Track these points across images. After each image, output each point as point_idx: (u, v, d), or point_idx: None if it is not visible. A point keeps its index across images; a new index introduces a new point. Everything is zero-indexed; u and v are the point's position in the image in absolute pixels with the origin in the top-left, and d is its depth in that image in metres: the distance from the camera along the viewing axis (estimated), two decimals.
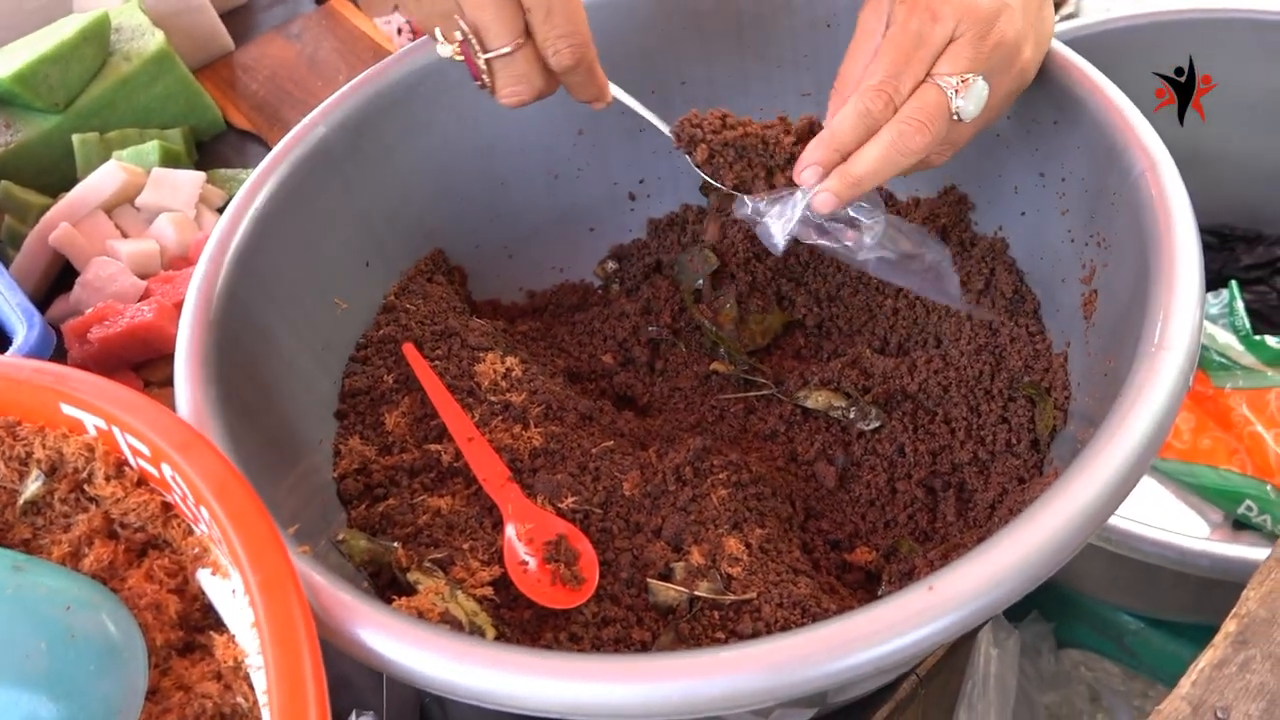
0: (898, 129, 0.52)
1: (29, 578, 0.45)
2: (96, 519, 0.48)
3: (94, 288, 0.79)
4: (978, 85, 0.52)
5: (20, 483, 0.49)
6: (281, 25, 1.10)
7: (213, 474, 0.44)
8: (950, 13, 0.52)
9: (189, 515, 0.47)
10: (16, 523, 0.49)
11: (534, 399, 0.60)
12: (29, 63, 0.88)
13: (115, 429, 0.47)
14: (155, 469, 0.46)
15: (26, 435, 0.49)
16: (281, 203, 0.60)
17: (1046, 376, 0.58)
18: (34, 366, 0.49)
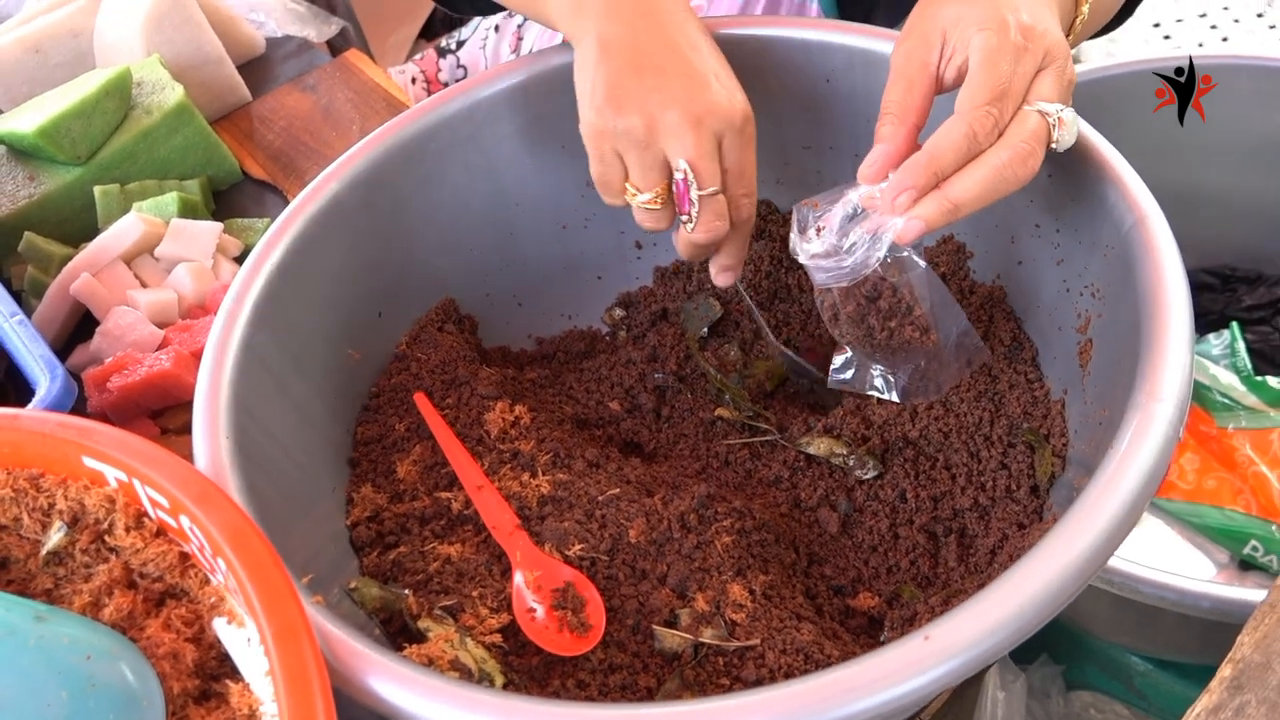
0: (1007, 154, 0.51)
1: (51, 628, 0.46)
2: (116, 569, 0.49)
3: (113, 337, 0.81)
4: (1071, 117, 0.53)
5: (43, 534, 0.50)
6: (297, 77, 1.13)
7: (229, 525, 0.45)
8: (1038, 42, 0.52)
9: (206, 565, 0.48)
10: (39, 573, 0.50)
11: (542, 447, 0.61)
12: (52, 117, 0.90)
13: (135, 481, 0.48)
14: (174, 520, 0.48)
15: (50, 487, 0.51)
16: (297, 256, 0.62)
17: (1045, 423, 0.59)
18: (58, 420, 0.51)
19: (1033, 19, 0.53)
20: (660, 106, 0.56)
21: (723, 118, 0.57)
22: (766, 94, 0.71)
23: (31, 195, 0.92)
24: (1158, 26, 1.47)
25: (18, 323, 0.68)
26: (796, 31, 0.68)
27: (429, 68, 1.28)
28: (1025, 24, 0.53)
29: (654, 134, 0.56)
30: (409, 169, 0.68)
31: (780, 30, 0.68)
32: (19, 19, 1.07)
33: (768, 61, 0.69)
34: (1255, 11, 1.43)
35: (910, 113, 0.54)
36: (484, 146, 0.71)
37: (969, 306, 0.67)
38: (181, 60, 1.04)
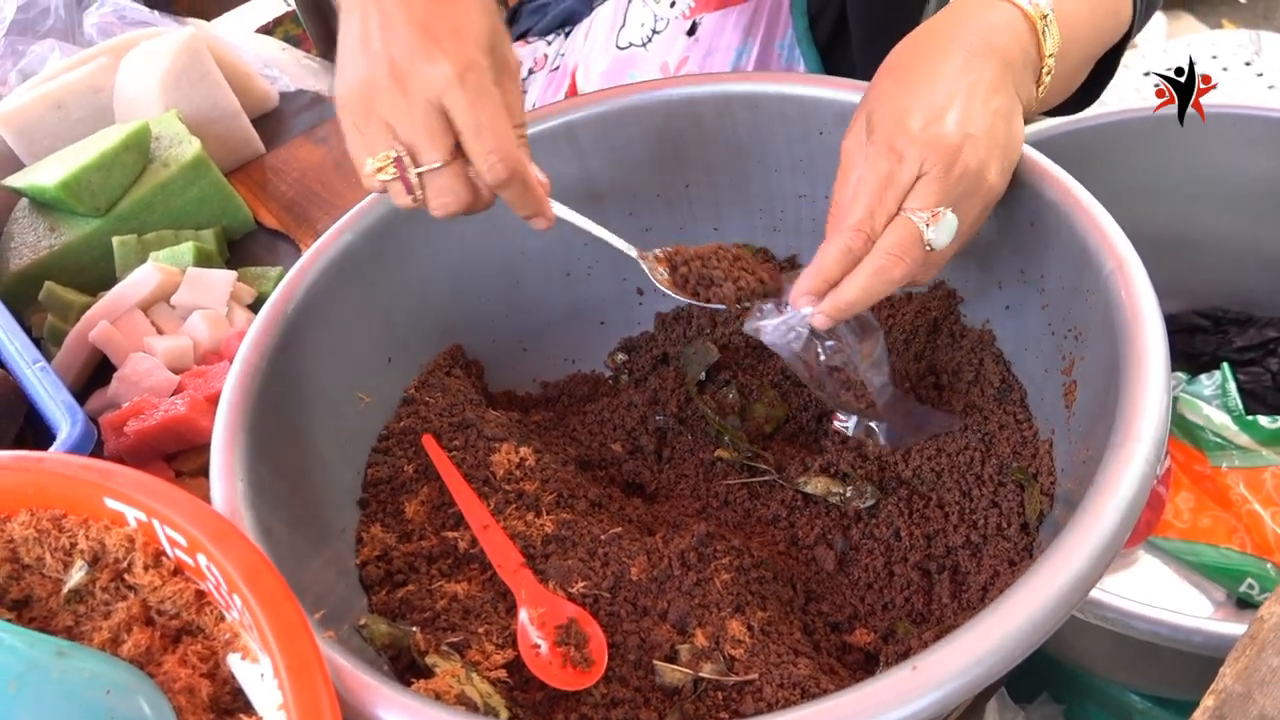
0: (877, 262, 0.57)
1: (72, 663, 0.48)
2: (135, 606, 0.51)
3: (130, 382, 0.83)
4: (947, 218, 0.57)
5: (65, 573, 0.52)
6: (309, 130, 1.16)
7: (245, 564, 0.47)
8: (915, 153, 0.56)
9: (221, 602, 0.50)
10: (60, 610, 0.52)
11: (546, 487, 0.63)
12: (74, 171, 0.93)
13: (155, 521, 0.50)
14: (191, 559, 0.50)
15: (72, 528, 0.53)
16: (311, 305, 0.64)
17: (1034, 462, 0.61)
18: (81, 462, 0.53)
19: (923, 123, 0.56)
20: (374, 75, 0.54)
21: (428, 81, 0.53)
22: (762, 146, 0.74)
23: (52, 246, 0.95)
24: (1148, 75, 1.51)
25: (40, 369, 0.71)
26: (790, 87, 0.71)
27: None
28: (909, 133, 0.56)
29: (371, 103, 0.54)
30: (418, 220, 0.71)
31: (775, 86, 0.71)
32: (42, 76, 1.11)
33: (763, 115, 0.72)
34: (1243, 60, 1.47)
35: (843, 209, 0.59)
36: None
37: (959, 350, 0.69)
38: (198, 115, 1.07)
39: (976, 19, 0.60)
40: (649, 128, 0.74)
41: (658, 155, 0.75)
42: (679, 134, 0.74)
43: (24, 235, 0.97)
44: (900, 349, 0.72)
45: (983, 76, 0.58)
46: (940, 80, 0.58)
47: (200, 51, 1.08)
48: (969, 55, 0.58)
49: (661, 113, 0.74)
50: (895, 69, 0.60)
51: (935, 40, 0.60)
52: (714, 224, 0.79)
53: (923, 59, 0.59)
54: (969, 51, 0.58)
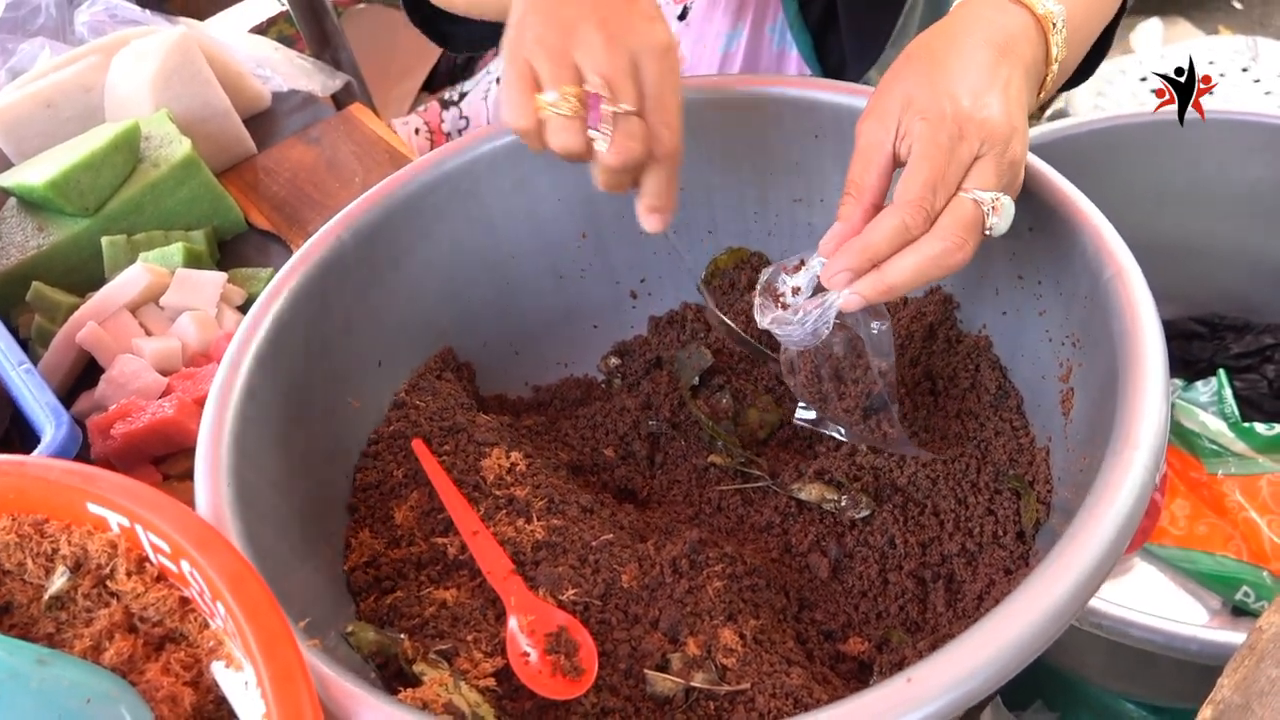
0: (939, 245, 0.54)
1: (52, 671, 0.47)
2: (117, 613, 0.50)
3: (118, 384, 0.82)
4: (1007, 203, 0.55)
5: (46, 579, 0.51)
6: (302, 130, 1.15)
7: (229, 570, 0.46)
8: (975, 131, 0.54)
9: (205, 610, 0.49)
10: (41, 617, 0.51)
11: (537, 493, 0.62)
12: (63, 170, 0.92)
13: (138, 526, 0.49)
14: (174, 565, 0.49)
15: (53, 533, 0.52)
16: (300, 306, 0.63)
17: (1030, 470, 0.60)
18: (63, 467, 0.52)
19: (973, 103, 0.55)
20: (577, 18, 0.55)
21: (641, 39, 0.56)
22: (757, 149, 0.73)
23: (40, 246, 0.94)
24: (1145, 81, 1.50)
25: (24, 371, 0.70)
26: (785, 90, 0.70)
27: (432, 119, 1.31)
28: (964, 111, 0.55)
29: (568, 40, 0.55)
30: (410, 222, 0.70)
31: (770, 89, 0.70)
32: (31, 74, 1.10)
33: (757, 118, 0.72)
34: (1240, 66, 1.47)
35: (867, 192, 0.57)
36: (483, 200, 0.73)
37: (955, 355, 0.68)
38: (189, 114, 1.06)
39: (993, 21, 0.59)
40: None
41: None
42: None
43: (11, 235, 0.96)
44: (896, 353, 0.72)
45: (1012, 76, 0.57)
46: (977, 70, 0.56)
47: (192, 51, 1.07)
48: (998, 54, 0.57)
49: None
50: (924, 55, 0.58)
51: (960, 34, 0.58)
52: (709, 227, 0.78)
53: (953, 49, 0.58)
54: (998, 50, 0.57)
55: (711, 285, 0.79)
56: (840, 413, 0.63)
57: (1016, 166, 0.56)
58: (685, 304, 0.80)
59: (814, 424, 0.65)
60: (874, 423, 0.63)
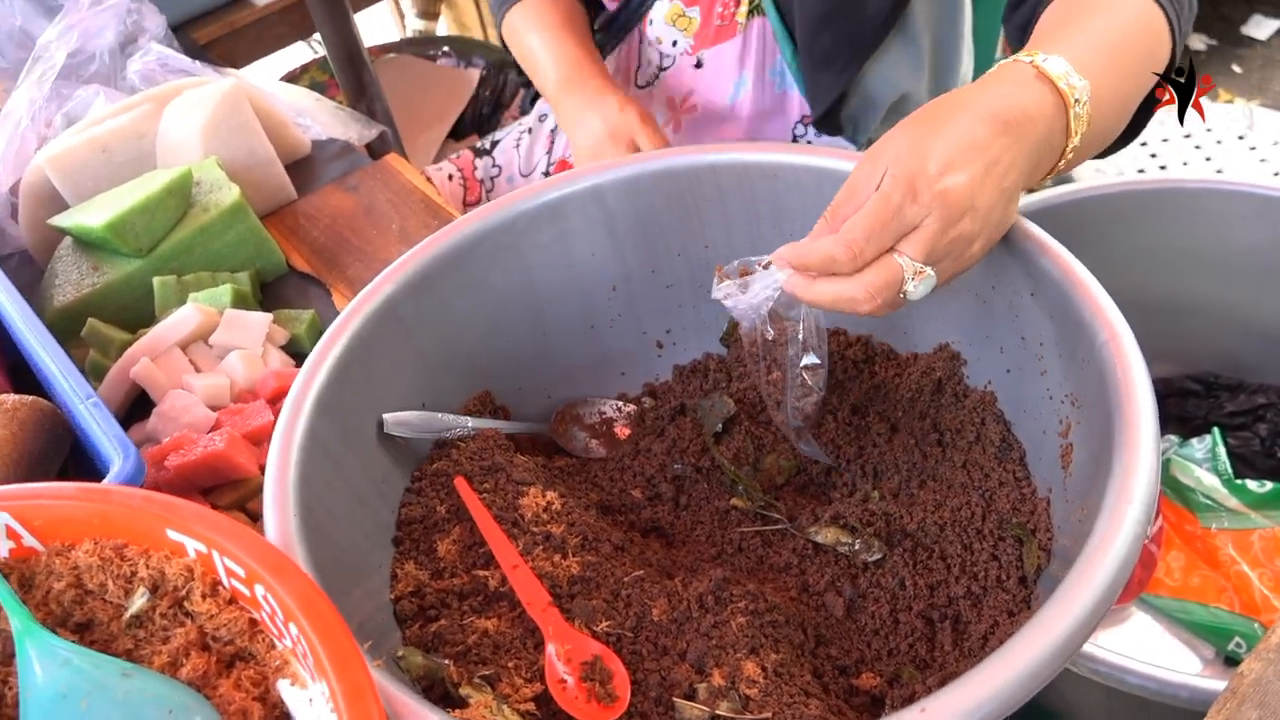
0: (852, 290, 0.59)
1: (136, 684, 0.52)
2: (192, 632, 0.54)
3: (169, 418, 0.87)
4: (929, 277, 0.60)
5: (126, 599, 0.56)
6: (340, 178, 1.21)
7: (301, 594, 0.51)
8: (928, 199, 0.58)
9: (274, 631, 0.54)
10: (120, 635, 0.55)
11: (572, 530, 0.67)
12: (120, 213, 0.98)
13: (215, 553, 0.54)
14: (247, 589, 0.53)
15: (133, 557, 0.56)
16: (355, 352, 0.68)
17: (1032, 519, 0.65)
18: (144, 495, 0.57)
19: (939, 172, 0.58)
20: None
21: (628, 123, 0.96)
22: (778, 211, 0.78)
23: (95, 284, 1.00)
24: (1144, 145, 1.56)
25: (92, 404, 0.74)
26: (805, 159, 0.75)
27: (465, 166, 1.37)
28: (927, 176, 0.58)
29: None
30: (455, 273, 0.75)
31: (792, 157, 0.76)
32: (87, 121, 1.15)
33: (780, 184, 0.77)
34: (1236, 134, 1.53)
35: (839, 220, 0.61)
36: (522, 254, 0.78)
37: (962, 409, 0.73)
38: (236, 161, 1.12)
39: (1009, 96, 0.62)
40: (672, 192, 0.79)
41: (680, 217, 0.80)
42: (701, 198, 0.79)
43: (68, 273, 1.02)
44: (905, 406, 0.77)
45: (1004, 155, 0.60)
46: (966, 142, 0.59)
47: (240, 101, 1.13)
48: (998, 130, 0.60)
49: (685, 178, 0.78)
50: (926, 119, 0.61)
51: (966, 107, 0.61)
52: None
53: (954, 118, 0.61)
54: (1000, 126, 0.60)
55: (733, 339, 0.84)
56: (768, 386, 0.70)
57: (960, 242, 0.60)
58: (707, 354, 0.85)
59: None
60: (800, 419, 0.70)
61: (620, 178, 0.78)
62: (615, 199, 0.78)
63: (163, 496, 0.57)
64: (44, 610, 0.56)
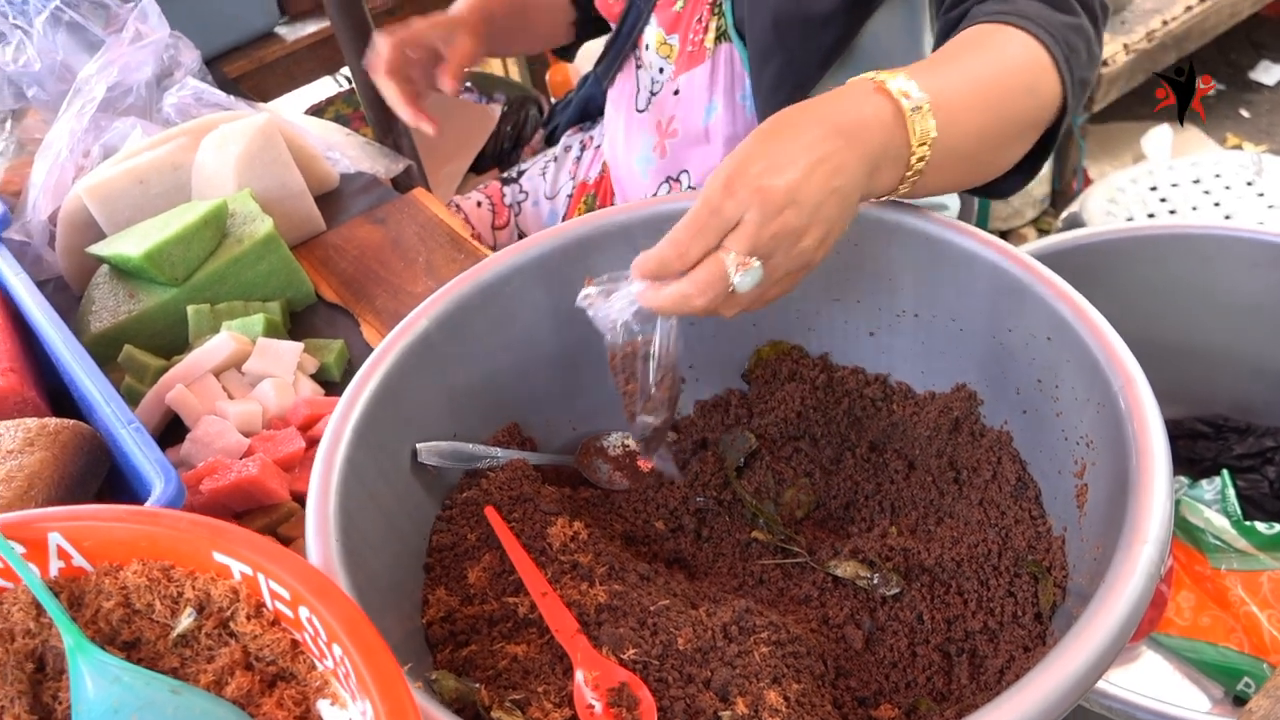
0: (685, 288, 0.63)
1: (184, 700, 0.54)
2: (237, 652, 0.56)
3: (203, 443, 0.89)
4: (754, 268, 0.63)
5: (172, 618, 0.58)
6: (368, 210, 1.24)
7: (345, 616, 0.52)
8: (745, 196, 0.62)
9: (315, 652, 0.55)
10: (167, 653, 0.57)
11: (599, 560, 0.69)
12: (158, 244, 1.01)
13: (260, 575, 0.56)
14: (291, 611, 0.55)
15: (179, 578, 0.58)
16: (390, 384, 0.71)
17: (1047, 557, 0.67)
18: (192, 518, 0.59)
19: (761, 171, 0.62)
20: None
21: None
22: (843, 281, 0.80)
23: (131, 311, 1.02)
24: (1154, 190, 1.59)
25: (134, 429, 0.77)
26: None
27: (494, 193, 1.41)
28: (748, 176, 0.62)
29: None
30: (487, 308, 0.78)
31: None
32: (124, 153, 1.19)
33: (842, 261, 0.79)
34: (1245, 180, 1.55)
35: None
36: (553, 290, 0.80)
37: (979, 448, 0.75)
38: (268, 194, 1.15)
39: (848, 106, 0.66)
40: None
41: None
42: None
43: (104, 300, 1.05)
44: (923, 444, 0.79)
45: (835, 156, 0.64)
46: (793, 146, 0.63)
47: (274, 135, 1.16)
48: (827, 134, 0.64)
49: None
50: (762, 130, 0.66)
51: (805, 115, 0.66)
52: (753, 320, 0.85)
53: (787, 128, 0.65)
54: (829, 132, 0.64)
55: (754, 375, 0.86)
56: (625, 397, 0.73)
57: (785, 236, 0.63)
58: (729, 390, 0.87)
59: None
60: (649, 431, 0.74)
61: (647, 216, 0.80)
62: (644, 236, 0.80)
63: (209, 520, 0.59)
64: (93, 628, 0.58)
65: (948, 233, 0.74)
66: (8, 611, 0.58)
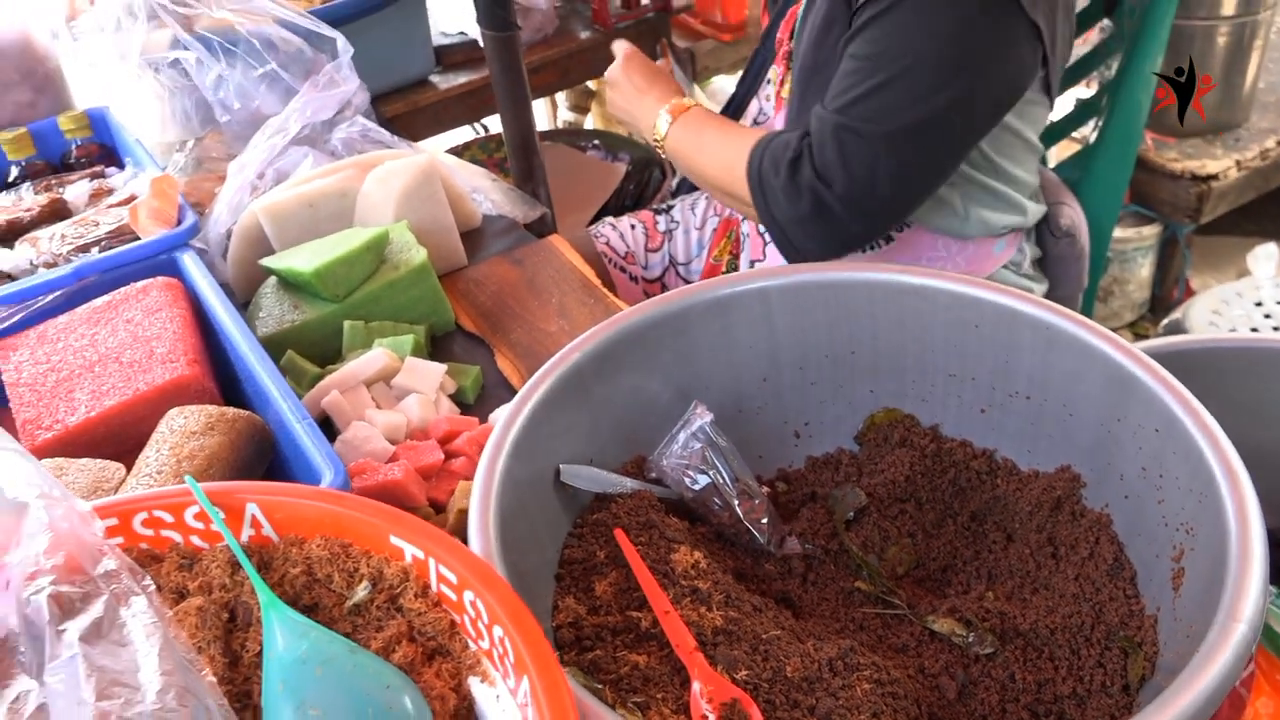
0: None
1: (360, 660, 0.61)
2: (403, 626, 0.64)
3: (352, 445, 0.98)
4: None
5: (347, 589, 0.66)
6: (507, 250, 1.34)
7: (507, 602, 0.60)
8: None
9: (472, 634, 0.63)
10: (341, 619, 0.65)
11: (716, 588, 0.75)
12: (327, 262, 1.11)
13: (431, 560, 0.63)
14: (455, 594, 0.63)
15: (356, 555, 0.66)
16: (545, 407, 0.79)
17: (1139, 633, 0.71)
18: (373, 505, 0.67)
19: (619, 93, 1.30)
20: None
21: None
22: (923, 329, 0.87)
23: (294, 321, 1.13)
24: (1259, 305, 1.61)
25: (307, 425, 0.86)
26: (955, 286, 0.84)
27: (648, 219, 1.60)
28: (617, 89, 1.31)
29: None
30: (632, 350, 0.85)
31: (943, 284, 0.85)
32: (295, 179, 1.31)
33: (927, 304, 0.86)
34: None
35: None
36: (692, 340, 0.88)
37: (1078, 527, 0.80)
38: (422, 226, 1.26)
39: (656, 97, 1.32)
40: (830, 301, 0.88)
41: (833, 325, 0.89)
42: (854, 310, 0.88)
43: (270, 308, 1.15)
44: (1024, 519, 0.83)
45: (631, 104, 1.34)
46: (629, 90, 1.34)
47: (433, 175, 1.27)
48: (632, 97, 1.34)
49: (842, 291, 0.88)
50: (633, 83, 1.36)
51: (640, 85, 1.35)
52: (870, 387, 0.92)
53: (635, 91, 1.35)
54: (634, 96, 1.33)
55: (866, 438, 0.92)
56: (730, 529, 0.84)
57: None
58: (840, 449, 0.93)
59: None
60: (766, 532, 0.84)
61: (785, 284, 0.87)
62: (778, 301, 0.88)
63: (389, 507, 0.67)
64: (278, 590, 0.66)
65: (1065, 323, 0.79)
66: (207, 567, 0.67)
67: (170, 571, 0.67)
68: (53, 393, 0.96)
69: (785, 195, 1.11)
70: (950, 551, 0.85)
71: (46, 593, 0.57)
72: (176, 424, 0.90)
